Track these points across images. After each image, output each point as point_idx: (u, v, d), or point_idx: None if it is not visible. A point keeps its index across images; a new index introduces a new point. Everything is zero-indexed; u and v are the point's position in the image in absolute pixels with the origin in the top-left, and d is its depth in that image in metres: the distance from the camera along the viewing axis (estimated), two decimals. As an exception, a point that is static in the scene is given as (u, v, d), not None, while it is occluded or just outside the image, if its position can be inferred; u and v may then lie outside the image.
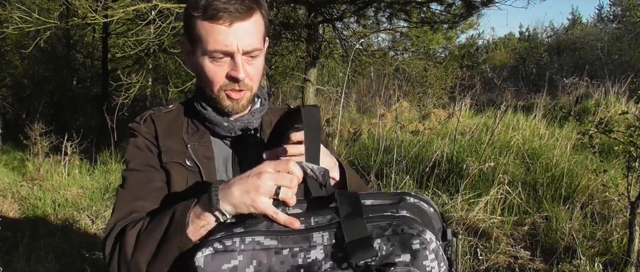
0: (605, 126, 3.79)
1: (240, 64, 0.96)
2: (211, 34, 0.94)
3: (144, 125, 1.06)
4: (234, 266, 0.71)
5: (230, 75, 0.97)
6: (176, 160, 1.00)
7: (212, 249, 0.73)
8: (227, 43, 0.94)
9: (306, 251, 0.71)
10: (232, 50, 0.95)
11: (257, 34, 0.98)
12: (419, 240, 0.68)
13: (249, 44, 0.96)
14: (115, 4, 5.56)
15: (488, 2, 5.79)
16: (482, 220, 3.49)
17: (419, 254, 0.68)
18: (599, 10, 19.44)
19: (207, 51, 0.95)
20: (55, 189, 5.28)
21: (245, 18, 0.94)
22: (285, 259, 0.71)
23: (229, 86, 0.98)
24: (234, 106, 1.01)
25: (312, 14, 6.06)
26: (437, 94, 10.13)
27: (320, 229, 0.73)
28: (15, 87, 11.89)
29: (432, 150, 4.69)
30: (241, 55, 0.96)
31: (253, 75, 1.00)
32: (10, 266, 3.25)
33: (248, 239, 0.73)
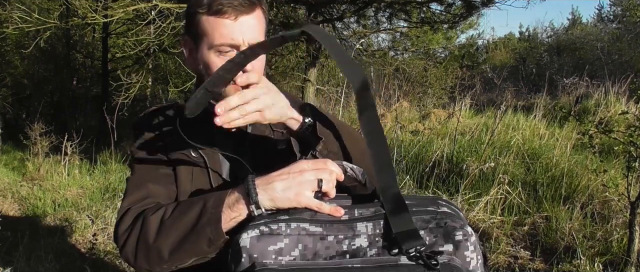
0: (605, 126, 3.79)
1: None
2: (217, 28, 0.96)
3: (148, 119, 1.08)
4: (280, 248, 0.73)
5: None
6: (180, 155, 1.02)
7: (258, 231, 0.75)
8: (234, 36, 0.96)
9: (351, 239, 0.74)
10: (238, 43, 0.96)
11: (259, 28, 1.00)
12: (462, 232, 0.73)
13: (254, 37, 0.97)
14: (115, 4, 5.56)
15: (488, 2, 5.79)
16: (482, 220, 3.49)
17: (461, 245, 0.73)
18: (599, 10, 19.43)
19: (214, 45, 0.97)
20: (55, 189, 5.28)
21: (249, 12, 0.97)
22: (330, 245, 0.73)
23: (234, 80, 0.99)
24: None
25: (312, 14, 6.06)
26: (437, 94, 10.12)
27: (365, 220, 0.75)
28: (15, 87, 11.89)
29: (432, 150, 4.69)
30: None
31: (258, 69, 1.01)
32: (10, 266, 3.25)
33: (293, 225, 0.75)
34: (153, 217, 0.89)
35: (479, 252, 0.75)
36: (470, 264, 0.73)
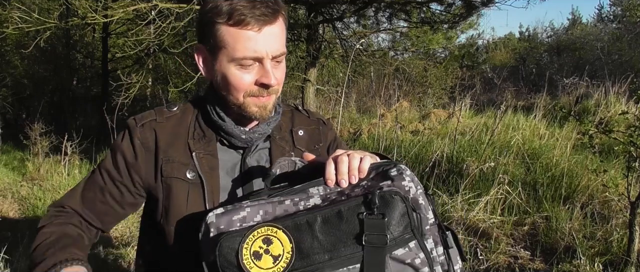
0: (605, 126, 3.79)
1: (271, 70, 0.93)
2: (239, 40, 0.90)
3: (139, 130, 1.01)
4: (243, 216, 0.82)
5: (262, 82, 0.93)
6: (176, 175, 0.98)
7: (222, 209, 0.83)
8: (257, 49, 0.91)
9: (305, 200, 0.83)
10: (261, 56, 0.91)
11: (282, 37, 0.95)
12: (395, 169, 0.84)
13: (277, 48, 0.93)
14: (115, 4, 5.56)
15: (488, 2, 5.79)
16: (482, 220, 3.49)
17: (396, 177, 0.83)
18: (599, 10, 19.44)
19: (235, 58, 0.92)
20: (55, 189, 5.28)
21: (272, 21, 0.92)
22: (287, 207, 0.83)
23: (256, 92, 0.95)
24: (261, 112, 0.97)
25: (312, 14, 6.06)
26: (437, 94, 10.13)
27: (315, 185, 0.85)
28: (15, 87, 11.88)
29: (432, 150, 4.69)
30: (270, 61, 0.93)
31: (280, 78, 0.97)
32: (10, 266, 3.25)
33: (254, 201, 0.84)
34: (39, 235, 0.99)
35: (417, 183, 0.83)
36: (410, 192, 0.82)
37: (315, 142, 1.11)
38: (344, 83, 5.83)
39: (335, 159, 0.85)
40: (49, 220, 1.02)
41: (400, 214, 0.79)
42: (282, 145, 1.06)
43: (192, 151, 1.00)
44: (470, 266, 3.02)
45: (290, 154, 1.06)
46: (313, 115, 1.17)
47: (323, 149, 1.13)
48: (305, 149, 1.08)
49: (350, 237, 0.77)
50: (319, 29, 6.70)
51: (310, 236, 0.78)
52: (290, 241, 0.77)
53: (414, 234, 0.79)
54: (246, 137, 1.01)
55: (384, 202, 0.79)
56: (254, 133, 1.01)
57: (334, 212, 0.79)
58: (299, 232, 0.78)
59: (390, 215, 0.78)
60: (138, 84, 6.48)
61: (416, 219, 0.80)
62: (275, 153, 1.05)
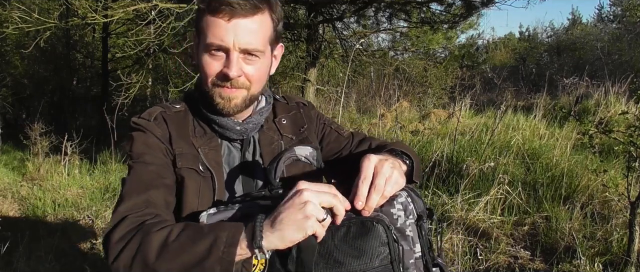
0: (605, 126, 3.79)
1: (234, 61, 0.93)
2: (210, 27, 0.92)
3: (154, 123, 1.01)
4: (231, 215, 0.82)
5: (222, 73, 0.94)
6: (191, 166, 0.98)
7: (216, 208, 0.84)
8: (224, 38, 0.91)
9: None
10: (227, 45, 0.92)
11: (259, 34, 0.94)
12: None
13: (248, 42, 0.92)
14: (115, 4, 5.56)
15: (488, 2, 5.79)
16: (482, 220, 3.49)
17: (386, 203, 0.79)
18: (599, 10, 19.43)
19: (205, 44, 0.93)
20: (55, 189, 5.28)
21: (247, 15, 0.91)
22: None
23: (218, 82, 0.95)
24: (225, 104, 0.97)
25: (312, 14, 6.05)
26: (437, 94, 10.12)
27: None
28: (15, 87, 11.88)
29: (432, 150, 4.69)
30: (237, 53, 0.93)
31: (252, 76, 0.96)
32: (10, 266, 3.25)
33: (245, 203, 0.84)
34: (156, 235, 0.79)
35: (410, 213, 0.79)
36: (398, 221, 0.78)
37: (299, 125, 1.13)
38: (344, 83, 5.82)
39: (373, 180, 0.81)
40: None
41: (379, 244, 0.75)
42: (270, 134, 1.08)
43: (197, 148, 1.01)
44: (470, 266, 3.02)
45: (278, 143, 1.07)
46: (291, 101, 1.18)
47: (309, 130, 1.13)
48: (292, 134, 1.10)
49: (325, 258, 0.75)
50: (319, 29, 6.70)
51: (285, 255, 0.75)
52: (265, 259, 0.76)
53: (392, 267, 0.75)
54: (240, 129, 1.02)
55: (364, 230, 0.75)
56: (248, 124, 1.02)
57: None
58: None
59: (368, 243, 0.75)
60: (138, 84, 6.48)
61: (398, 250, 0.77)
62: (264, 143, 1.06)
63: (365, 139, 1.18)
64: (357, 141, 1.18)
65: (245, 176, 1.02)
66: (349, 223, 0.77)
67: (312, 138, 1.14)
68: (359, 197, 0.79)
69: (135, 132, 1.00)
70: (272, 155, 1.04)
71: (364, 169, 0.81)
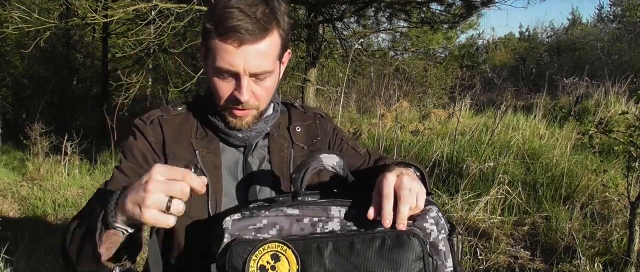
0: (605, 126, 3.79)
1: (245, 86, 0.93)
2: (219, 51, 0.91)
3: (150, 127, 1.03)
4: (258, 227, 0.80)
5: (233, 96, 0.95)
6: None
7: (240, 214, 0.82)
8: (233, 63, 0.91)
9: (324, 222, 0.81)
10: (237, 71, 0.92)
11: (269, 55, 0.94)
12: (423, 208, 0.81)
13: (257, 66, 0.92)
14: (115, 4, 5.56)
15: (488, 2, 5.80)
16: (482, 220, 3.49)
17: (419, 217, 0.80)
18: (599, 10, 19.44)
19: (214, 67, 0.93)
20: (55, 189, 5.28)
21: (256, 40, 0.90)
22: (304, 227, 0.81)
23: (231, 105, 0.96)
24: (237, 123, 0.99)
25: (312, 14, 6.06)
26: (437, 94, 10.13)
27: (339, 204, 0.83)
28: (15, 87, 11.88)
29: (432, 150, 4.69)
30: (247, 77, 0.93)
31: (260, 95, 0.97)
32: (10, 266, 3.25)
33: (273, 210, 0.82)
34: (71, 223, 0.87)
35: (442, 228, 0.80)
36: (431, 235, 0.79)
37: (313, 136, 1.12)
38: (344, 83, 5.83)
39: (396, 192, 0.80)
40: None
41: (414, 258, 0.76)
42: (281, 142, 1.07)
43: (195, 150, 1.01)
44: (470, 266, 3.02)
45: (289, 151, 1.07)
46: (309, 111, 1.18)
47: (322, 143, 1.13)
48: (304, 144, 1.09)
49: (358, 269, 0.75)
50: (319, 29, 6.70)
51: (318, 262, 0.76)
52: (297, 263, 0.76)
53: None
54: (243, 136, 1.02)
55: (400, 242, 0.76)
56: (251, 132, 1.02)
57: (346, 242, 0.77)
58: (308, 255, 0.76)
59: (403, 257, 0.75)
60: (138, 84, 6.48)
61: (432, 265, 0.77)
62: (274, 150, 1.06)
63: (381, 158, 1.18)
64: (374, 159, 1.17)
65: (247, 181, 1.02)
66: (384, 235, 0.77)
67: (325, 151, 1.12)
68: (385, 215, 0.78)
69: (130, 137, 1.04)
70: (281, 162, 1.04)
71: (384, 187, 0.81)
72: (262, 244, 0.77)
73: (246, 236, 0.80)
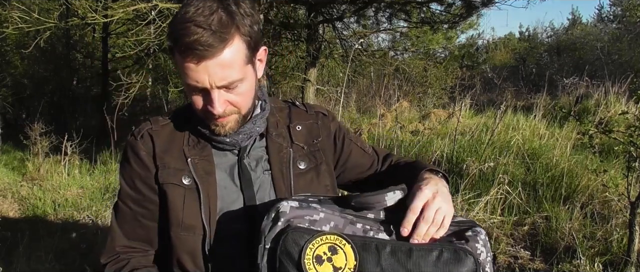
0: (605, 126, 3.79)
1: (216, 99, 0.91)
2: (183, 69, 0.90)
3: (141, 142, 1.02)
4: (314, 219, 0.80)
5: (208, 109, 0.93)
6: (172, 181, 0.98)
7: (297, 203, 0.82)
8: (198, 79, 0.89)
9: (376, 232, 0.82)
10: (204, 86, 0.90)
11: (234, 64, 0.90)
12: (471, 230, 0.83)
13: (222, 78, 0.89)
14: (115, 4, 5.56)
15: (488, 2, 5.79)
16: (482, 220, 3.49)
17: (471, 237, 0.82)
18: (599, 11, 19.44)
19: (184, 83, 0.92)
20: (55, 189, 5.28)
21: (215, 54, 0.86)
22: (357, 230, 0.81)
23: (209, 116, 0.95)
24: (220, 130, 0.98)
25: (312, 14, 6.06)
26: (437, 94, 10.12)
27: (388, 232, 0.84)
28: (15, 87, 11.88)
29: (432, 150, 4.69)
30: (216, 90, 0.91)
31: (237, 101, 0.95)
32: (10, 266, 3.25)
33: (329, 209, 0.83)
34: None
35: (488, 249, 0.83)
36: (480, 256, 0.81)
37: (314, 136, 1.10)
38: (344, 83, 5.82)
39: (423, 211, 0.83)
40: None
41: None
42: (279, 141, 1.06)
43: (187, 157, 1.00)
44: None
45: (288, 150, 1.05)
46: (311, 109, 1.15)
47: (324, 143, 1.11)
48: (304, 144, 1.08)
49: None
50: (319, 29, 6.70)
51: (375, 261, 0.77)
52: (355, 259, 0.76)
53: None
54: (231, 140, 1.01)
55: (457, 257, 0.78)
56: (239, 135, 1.01)
57: (405, 247, 0.78)
58: (366, 252, 0.77)
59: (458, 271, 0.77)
60: (138, 84, 6.48)
61: None
62: (272, 150, 1.04)
63: (388, 156, 1.18)
64: (382, 158, 1.17)
65: (242, 183, 1.01)
66: (442, 248, 0.79)
67: (327, 151, 1.11)
68: (405, 224, 0.82)
69: (123, 160, 1.06)
70: (280, 162, 1.03)
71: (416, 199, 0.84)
72: (321, 235, 0.77)
73: (301, 225, 0.79)
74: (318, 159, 1.07)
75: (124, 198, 1.04)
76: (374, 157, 1.16)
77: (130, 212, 1.03)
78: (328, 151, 1.11)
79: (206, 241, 0.96)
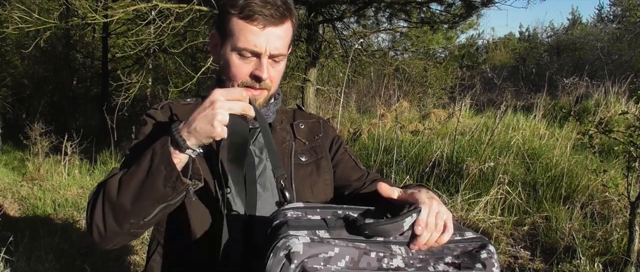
0: (605, 126, 3.79)
1: (265, 65, 1.01)
2: (243, 33, 0.99)
3: (160, 111, 1.10)
4: (329, 256, 0.74)
5: (254, 74, 1.02)
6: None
7: (309, 238, 0.75)
8: (258, 43, 0.99)
9: (389, 258, 0.78)
10: (260, 51, 1.00)
11: (285, 40, 1.03)
12: (485, 251, 0.81)
13: (276, 48, 1.01)
14: (115, 4, 5.56)
15: (488, 2, 5.79)
16: (482, 220, 3.49)
17: (487, 262, 0.80)
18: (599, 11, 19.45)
19: (237, 47, 1.00)
20: (55, 189, 5.28)
21: (278, 24, 1.00)
22: (371, 261, 0.77)
23: (249, 83, 1.03)
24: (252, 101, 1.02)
25: (312, 14, 6.05)
26: (437, 94, 10.12)
27: (398, 244, 0.80)
28: (15, 87, 11.89)
29: (432, 150, 4.69)
30: (267, 58, 1.01)
31: (274, 78, 1.05)
32: (10, 266, 3.25)
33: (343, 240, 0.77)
34: (112, 179, 0.91)
35: (496, 260, 0.82)
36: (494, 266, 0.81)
37: (315, 133, 1.18)
38: (344, 83, 5.83)
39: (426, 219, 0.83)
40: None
41: None
42: (283, 135, 1.13)
43: None
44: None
45: (290, 143, 1.12)
46: (314, 115, 1.26)
47: (324, 140, 1.18)
48: (305, 139, 1.15)
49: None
50: (319, 29, 6.70)
51: None
52: None
53: None
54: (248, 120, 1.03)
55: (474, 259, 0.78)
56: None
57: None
58: None
59: None
60: (138, 84, 6.48)
61: None
62: (276, 140, 1.09)
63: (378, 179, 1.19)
64: (371, 178, 1.18)
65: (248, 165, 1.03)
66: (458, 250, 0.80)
67: (325, 148, 1.17)
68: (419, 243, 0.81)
69: (139, 127, 1.10)
70: (282, 154, 1.09)
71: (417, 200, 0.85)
72: None
73: (317, 266, 0.72)
74: (319, 154, 1.14)
75: (132, 148, 1.03)
76: (363, 173, 1.18)
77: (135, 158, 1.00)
78: (325, 147, 1.18)
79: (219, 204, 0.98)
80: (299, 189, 1.06)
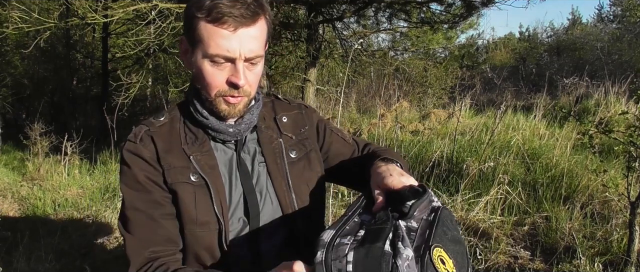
0: (605, 126, 3.79)
1: (241, 70, 0.94)
2: (213, 38, 0.91)
3: (141, 145, 1.00)
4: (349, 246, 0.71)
5: (231, 81, 0.94)
6: (181, 179, 0.98)
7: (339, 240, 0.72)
8: (230, 48, 0.91)
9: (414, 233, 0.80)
10: (234, 56, 0.92)
11: (260, 40, 0.95)
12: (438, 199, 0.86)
13: (251, 50, 0.93)
14: (115, 4, 5.56)
15: (488, 2, 5.79)
16: (482, 220, 3.49)
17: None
18: (599, 11, 19.45)
19: (208, 54, 0.92)
20: (55, 189, 5.28)
21: (250, 23, 0.91)
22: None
23: (227, 92, 0.96)
24: (231, 111, 0.99)
25: (312, 14, 6.05)
26: (437, 94, 10.13)
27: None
28: (15, 87, 11.88)
29: (432, 150, 4.69)
30: (242, 62, 0.94)
31: (252, 82, 0.98)
32: (10, 266, 3.25)
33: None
34: None
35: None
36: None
37: (300, 126, 1.13)
38: (344, 83, 5.82)
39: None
40: None
41: None
42: (269, 133, 1.08)
43: (188, 155, 1.00)
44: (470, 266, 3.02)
45: (278, 141, 1.08)
46: (293, 102, 1.19)
47: (310, 132, 1.14)
48: (291, 133, 1.10)
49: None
50: (319, 29, 6.70)
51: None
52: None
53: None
54: (234, 131, 1.02)
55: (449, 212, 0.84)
56: (240, 125, 1.02)
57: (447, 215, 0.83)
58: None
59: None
60: (138, 84, 6.48)
61: None
62: (264, 141, 1.06)
63: (366, 145, 1.22)
64: (361, 147, 1.21)
65: (241, 175, 1.03)
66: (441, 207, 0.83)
67: (312, 140, 1.14)
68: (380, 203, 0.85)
69: (124, 167, 1.01)
70: (273, 153, 1.05)
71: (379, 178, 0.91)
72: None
73: None
74: (307, 147, 1.11)
75: (133, 205, 0.98)
76: (354, 147, 1.19)
77: (144, 217, 0.97)
78: (313, 139, 1.15)
79: (222, 234, 0.97)
80: (297, 188, 1.05)
